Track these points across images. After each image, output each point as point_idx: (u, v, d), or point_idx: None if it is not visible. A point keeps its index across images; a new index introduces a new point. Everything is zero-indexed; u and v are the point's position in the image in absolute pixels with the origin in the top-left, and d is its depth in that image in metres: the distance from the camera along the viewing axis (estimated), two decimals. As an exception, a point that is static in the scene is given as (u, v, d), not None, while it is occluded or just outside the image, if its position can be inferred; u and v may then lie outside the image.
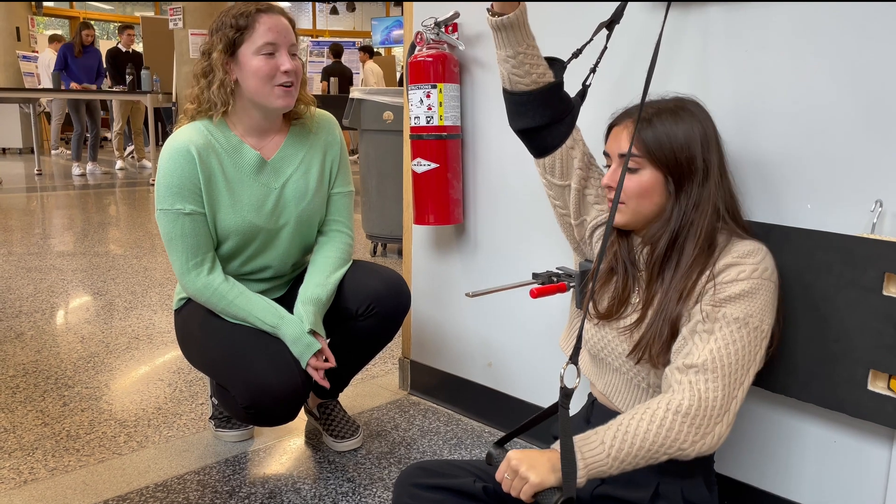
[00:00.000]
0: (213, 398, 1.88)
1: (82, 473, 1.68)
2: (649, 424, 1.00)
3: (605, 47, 1.31)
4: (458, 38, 1.80)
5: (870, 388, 1.15)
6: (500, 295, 1.84)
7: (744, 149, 1.31)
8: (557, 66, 1.24)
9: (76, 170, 7.87)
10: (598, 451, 0.99)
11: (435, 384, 2.07)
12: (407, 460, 1.75)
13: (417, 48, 1.81)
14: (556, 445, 1.03)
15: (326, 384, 1.56)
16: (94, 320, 2.86)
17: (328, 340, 1.71)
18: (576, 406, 1.46)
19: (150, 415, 2.00)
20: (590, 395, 1.32)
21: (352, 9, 15.16)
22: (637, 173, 1.14)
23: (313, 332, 1.56)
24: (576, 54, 1.28)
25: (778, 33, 1.26)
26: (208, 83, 1.56)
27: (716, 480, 1.24)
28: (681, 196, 1.13)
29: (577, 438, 1.00)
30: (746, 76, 1.31)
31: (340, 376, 1.80)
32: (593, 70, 1.28)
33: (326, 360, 1.56)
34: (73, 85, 7.56)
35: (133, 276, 3.57)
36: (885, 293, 1.11)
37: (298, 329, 1.55)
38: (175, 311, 1.75)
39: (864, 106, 1.18)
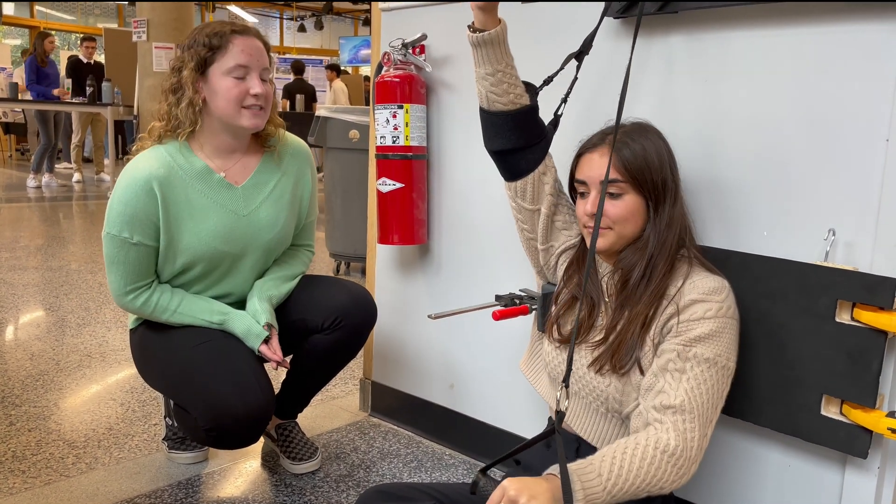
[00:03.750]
0: (166, 418, 1.83)
1: (27, 496, 1.61)
2: (641, 461, 1.01)
3: (576, 77, 1.31)
4: (425, 60, 1.81)
5: (823, 413, 1.17)
6: (463, 316, 1.84)
7: (703, 176, 1.34)
8: (531, 90, 1.25)
9: (31, 182, 7.67)
10: (596, 482, 0.98)
11: (396, 406, 2.06)
12: (366, 483, 1.73)
13: (385, 68, 1.82)
14: (551, 471, 1.00)
15: (285, 364, 1.57)
16: (45, 337, 2.77)
17: (289, 358, 1.69)
18: (534, 430, 1.46)
19: (100, 435, 1.94)
20: (549, 419, 1.32)
21: (320, 27, 15.19)
22: (620, 198, 1.16)
23: (268, 326, 1.57)
24: (547, 81, 1.28)
25: (736, 64, 1.30)
26: (177, 100, 1.52)
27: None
28: (656, 219, 1.16)
29: (573, 467, 0.99)
30: (707, 105, 1.34)
31: (301, 395, 1.77)
32: (564, 100, 1.29)
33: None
34: (57, 93, 7.47)
35: (87, 291, 3.48)
36: (837, 320, 1.14)
37: (247, 321, 1.56)
38: (130, 329, 1.70)
39: (818, 137, 1.21)
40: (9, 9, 12.99)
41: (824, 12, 1.19)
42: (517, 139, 1.24)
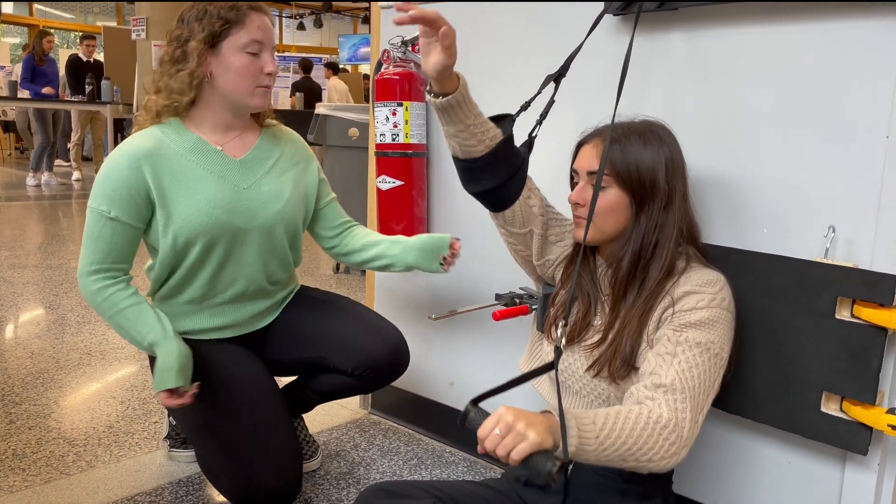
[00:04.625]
0: (169, 417, 1.83)
1: (28, 494, 1.61)
2: (634, 425, 0.98)
3: (553, 100, 1.27)
4: (424, 58, 1.81)
5: (823, 409, 1.17)
6: (463, 314, 1.84)
7: (703, 173, 1.34)
8: (506, 120, 1.21)
9: (31, 180, 7.67)
10: (590, 428, 0.95)
11: (396, 403, 2.06)
12: (366, 481, 1.73)
13: (384, 66, 1.81)
14: (547, 409, 0.97)
15: (185, 400, 1.42)
16: (45, 335, 2.77)
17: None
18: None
19: (100, 433, 1.94)
20: (551, 415, 1.32)
21: (319, 25, 15.17)
22: (604, 191, 1.16)
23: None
24: (524, 107, 1.25)
25: (736, 62, 1.29)
26: (177, 70, 1.46)
27: (674, 501, 1.25)
28: (641, 217, 1.15)
29: (571, 411, 0.96)
30: (706, 103, 1.34)
31: (308, 404, 1.75)
32: (539, 122, 1.26)
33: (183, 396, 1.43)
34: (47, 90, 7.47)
35: (87, 289, 3.48)
36: (837, 317, 1.14)
37: (173, 358, 1.42)
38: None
39: (818, 134, 1.21)
40: (7, 7, 12.98)
41: (824, 9, 1.19)
42: (497, 177, 1.21)
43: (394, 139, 1.79)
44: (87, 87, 7.29)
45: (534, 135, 1.26)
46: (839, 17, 1.17)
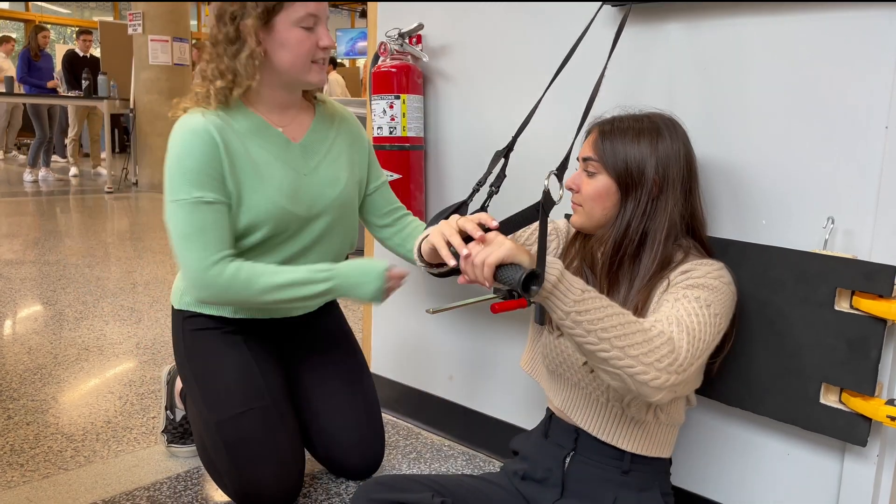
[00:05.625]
0: (167, 411, 1.83)
1: (26, 489, 1.61)
2: (621, 316, 0.97)
3: (504, 175, 1.32)
4: (422, 50, 1.80)
5: (822, 401, 1.17)
6: (462, 308, 1.83)
7: (702, 164, 1.33)
8: (462, 207, 1.28)
9: (28, 176, 7.65)
10: (578, 283, 0.95)
11: (395, 397, 2.05)
12: (365, 475, 1.73)
13: (381, 58, 1.80)
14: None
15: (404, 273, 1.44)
16: (43, 331, 2.77)
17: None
18: (534, 421, 1.45)
19: (98, 429, 1.94)
20: (548, 409, 1.32)
21: (316, 19, 15.12)
22: (594, 178, 1.18)
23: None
24: (476, 189, 1.29)
25: (732, 52, 1.29)
26: (235, 52, 1.36)
27: (672, 493, 1.25)
28: (628, 204, 1.16)
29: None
30: (705, 93, 1.33)
31: None
32: (490, 195, 1.31)
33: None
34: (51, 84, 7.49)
35: (85, 285, 3.47)
36: (836, 308, 1.14)
37: (358, 263, 1.40)
38: (176, 310, 1.55)
39: (817, 124, 1.21)
40: (3, 4, 12.94)
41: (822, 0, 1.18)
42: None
43: (391, 132, 1.79)
44: (83, 82, 7.26)
45: (486, 206, 1.34)
46: (838, 6, 1.17)
